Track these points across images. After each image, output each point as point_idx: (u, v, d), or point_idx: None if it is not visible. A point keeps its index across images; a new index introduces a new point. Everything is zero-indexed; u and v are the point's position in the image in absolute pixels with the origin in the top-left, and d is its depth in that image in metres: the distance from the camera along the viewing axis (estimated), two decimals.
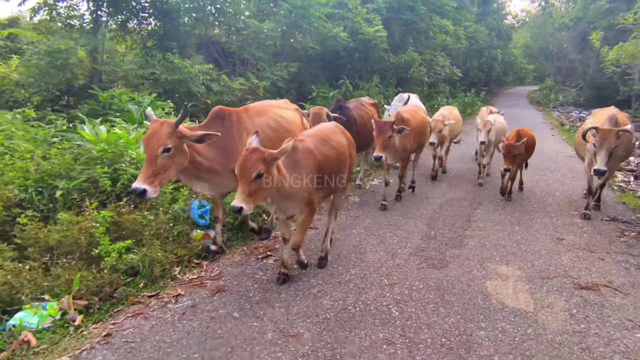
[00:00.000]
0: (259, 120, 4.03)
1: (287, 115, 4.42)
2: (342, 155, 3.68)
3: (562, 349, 2.66)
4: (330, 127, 3.91)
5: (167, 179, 3.26)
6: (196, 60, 7.58)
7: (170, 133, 3.14)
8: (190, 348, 2.54)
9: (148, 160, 3.11)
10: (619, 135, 4.79)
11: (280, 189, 2.93)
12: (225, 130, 3.66)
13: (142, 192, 3.02)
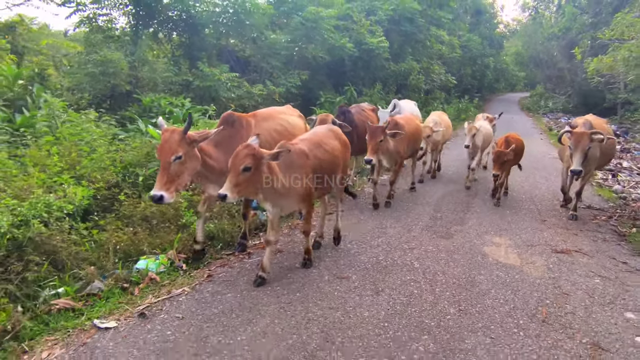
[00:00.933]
0: (265, 124, 4.30)
1: (292, 120, 4.74)
2: (336, 157, 4.01)
3: (540, 287, 3.71)
4: (324, 131, 4.21)
5: (182, 184, 3.46)
6: (223, 69, 8.60)
7: (180, 140, 3.33)
8: (272, 283, 3.54)
9: (162, 168, 3.31)
10: (592, 137, 5.24)
11: (272, 187, 3.25)
12: (235, 133, 3.91)
13: (160, 199, 3.23)
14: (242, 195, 3.22)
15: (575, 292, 3.65)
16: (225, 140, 3.79)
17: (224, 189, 2.97)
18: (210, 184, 3.84)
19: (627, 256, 4.54)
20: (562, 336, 2.98)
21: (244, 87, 8.98)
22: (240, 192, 3.10)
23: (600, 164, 6.21)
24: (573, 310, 3.35)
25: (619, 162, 10.55)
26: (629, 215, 6.06)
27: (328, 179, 3.90)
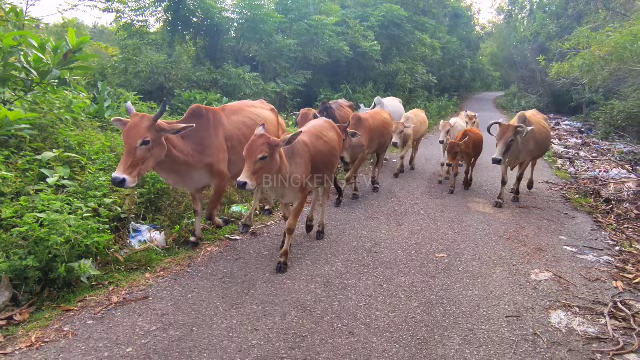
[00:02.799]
0: (235, 118, 4.41)
1: (263, 114, 4.84)
2: (334, 149, 4.32)
3: (506, 223, 5.61)
4: (322, 123, 4.50)
5: (145, 170, 3.50)
6: (245, 69, 10.28)
7: (149, 126, 3.38)
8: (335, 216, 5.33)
9: (127, 151, 3.35)
10: (517, 130, 5.77)
11: (281, 174, 3.50)
12: (203, 127, 3.99)
13: (122, 182, 3.25)
14: (259, 182, 3.38)
15: (530, 227, 5.58)
16: (192, 133, 3.84)
17: (243, 177, 3.19)
18: (173, 176, 3.95)
19: (568, 210, 6.53)
20: (519, 245, 4.89)
21: (261, 85, 10.68)
22: (257, 180, 3.29)
23: (536, 155, 6.77)
24: (527, 235, 5.26)
25: (577, 152, 12.81)
26: (576, 187, 8.12)
27: (326, 170, 4.22)
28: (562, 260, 4.51)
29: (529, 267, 4.28)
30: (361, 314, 3.25)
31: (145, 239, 4.19)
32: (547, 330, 3.18)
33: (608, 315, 3.42)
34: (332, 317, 3.18)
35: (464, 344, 2.96)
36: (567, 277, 4.10)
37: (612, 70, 11.92)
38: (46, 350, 2.69)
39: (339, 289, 3.63)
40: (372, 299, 3.49)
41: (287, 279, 3.77)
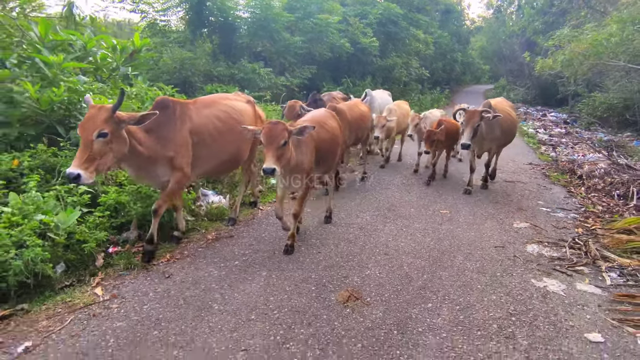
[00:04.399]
0: (206, 111, 4.33)
1: (237, 106, 4.73)
2: (336, 137, 4.55)
3: (495, 192, 7.00)
4: (324, 113, 4.74)
5: (104, 164, 3.37)
6: (259, 65, 11.53)
7: (107, 118, 3.29)
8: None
9: (83, 145, 3.24)
10: (482, 116, 5.97)
11: (289, 162, 3.67)
12: (167, 119, 3.90)
13: (76, 177, 3.13)
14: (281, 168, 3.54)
15: (514, 194, 6.98)
16: (157, 127, 3.79)
17: (270, 163, 3.36)
18: (138, 172, 3.88)
19: (547, 184, 7.95)
20: (504, 206, 6.26)
21: (272, 79, 11.93)
22: (281, 165, 3.47)
23: (502, 142, 7.01)
24: (511, 200, 6.65)
25: (560, 140, 14.35)
26: (555, 167, 9.57)
27: (329, 157, 4.47)
28: (538, 216, 5.91)
29: (512, 220, 5.67)
30: (391, 244, 4.60)
31: (214, 200, 5.47)
32: (523, 254, 4.56)
33: (567, 246, 4.81)
34: (370, 246, 4.52)
35: (465, 260, 4.32)
36: (541, 225, 5.49)
37: (590, 65, 13.45)
38: (177, 264, 3.97)
39: (371, 231, 4.97)
40: (397, 236, 4.84)
41: (332, 226, 5.10)
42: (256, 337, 2.92)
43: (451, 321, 3.20)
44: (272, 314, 3.20)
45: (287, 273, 3.87)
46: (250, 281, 3.68)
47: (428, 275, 3.94)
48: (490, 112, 6.06)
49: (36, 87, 4.62)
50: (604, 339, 3.09)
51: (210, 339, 2.88)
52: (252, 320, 3.11)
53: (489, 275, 3.99)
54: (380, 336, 2.97)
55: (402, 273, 3.95)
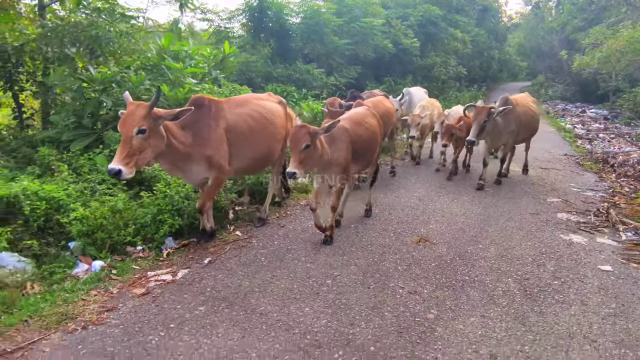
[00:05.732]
0: (239, 110, 4.51)
1: (269, 106, 4.92)
2: (374, 134, 4.76)
3: (532, 176, 8.12)
4: (364, 111, 4.97)
5: (143, 160, 3.58)
6: (313, 66, 12.98)
7: (145, 115, 3.48)
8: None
9: (123, 141, 3.44)
10: (490, 112, 6.14)
11: (322, 159, 3.89)
12: (203, 117, 4.11)
13: (117, 173, 3.36)
14: (306, 170, 3.79)
15: (548, 178, 8.07)
16: (193, 124, 4.00)
17: (291, 168, 3.58)
18: (175, 169, 4.14)
19: (580, 171, 8.97)
20: (540, 187, 7.39)
21: (323, 79, 13.34)
22: (305, 168, 3.70)
23: (521, 137, 7.28)
24: (545, 182, 7.75)
25: (597, 134, 15.12)
26: (589, 158, 10.53)
27: (367, 154, 4.71)
28: (569, 194, 7.02)
29: (545, 196, 6.82)
30: (446, 209, 5.89)
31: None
32: (554, 219, 5.74)
33: (592, 214, 5.96)
34: (429, 210, 5.83)
35: (506, 221, 5.55)
36: (571, 200, 6.63)
37: (628, 61, 14.20)
38: (285, 220, 5.40)
39: (427, 201, 6.27)
40: (450, 204, 6.13)
41: (397, 197, 6.42)
42: (360, 259, 4.29)
43: (497, 255, 4.48)
44: (367, 247, 4.57)
45: (370, 226, 5.23)
46: (342, 229, 5.05)
47: (477, 229, 5.21)
48: (496, 109, 6.24)
49: (166, 87, 6.16)
50: (612, 269, 4.29)
51: (329, 259, 4.27)
52: (353, 251, 4.49)
53: (525, 231, 5.22)
54: (447, 260, 4.29)
55: (457, 227, 5.24)
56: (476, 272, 4.09)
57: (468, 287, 3.79)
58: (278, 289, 3.66)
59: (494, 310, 3.44)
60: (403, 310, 3.39)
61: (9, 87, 7.19)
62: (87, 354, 2.80)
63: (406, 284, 3.81)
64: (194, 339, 2.96)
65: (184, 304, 3.40)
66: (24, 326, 3.07)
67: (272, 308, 3.37)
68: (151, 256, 4.26)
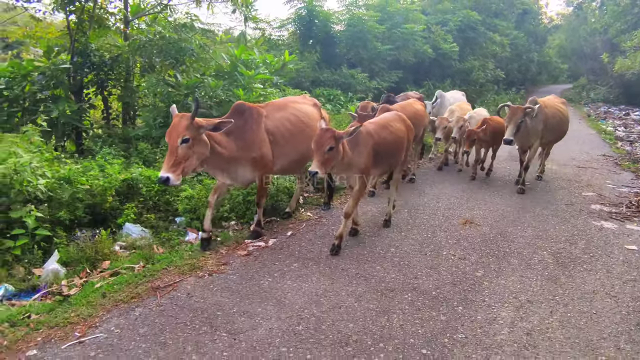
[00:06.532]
0: (278, 115, 4.83)
1: (306, 109, 5.22)
2: (400, 139, 4.89)
3: (568, 174, 8.74)
4: (391, 115, 5.12)
5: (189, 167, 3.91)
6: (357, 71, 13.93)
7: (188, 125, 3.77)
8: None
9: (170, 150, 3.76)
10: (525, 111, 6.33)
11: (344, 161, 4.12)
12: (245, 122, 4.41)
13: (165, 180, 3.68)
14: (327, 171, 4.04)
15: (585, 175, 8.64)
16: (236, 129, 4.24)
17: (313, 167, 3.84)
18: (220, 172, 4.41)
19: (617, 170, 9.47)
20: (576, 183, 8.00)
21: (366, 83, 14.26)
22: (326, 169, 3.94)
23: (548, 139, 7.35)
24: (582, 179, 8.34)
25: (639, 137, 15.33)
26: (628, 159, 10.96)
27: (391, 158, 4.86)
28: (604, 189, 7.63)
29: (580, 191, 7.47)
30: (487, 199, 6.68)
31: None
32: (588, 209, 6.42)
33: (624, 206, 6.60)
34: (472, 200, 6.63)
35: (542, 209, 6.28)
36: (605, 195, 7.26)
37: None
38: None
39: (470, 192, 7.06)
40: (491, 195, 6.90)
41: (440, 189, 7.25)
42: (415, 235, 5.18)
43: (533, 235, 5.27)
44: (420, 226, 5.45)
45: (420, 211, 6.10)
46: (397, 213, 5.94)
47: (516, 215, 5.99)
48: (532, 109, 6.42)
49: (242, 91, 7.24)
50: (638, 248, 4.99)
51: (390, 234, 5.18)
52: (409, 229, 5.38)
53: (560, 217, 5.96)
54: (490, 237, 5.12)
55: (498, 213, 6.03)
56: (515, 246, 4.90)
57: (508, 257, 4.61)
58: (352, 254, 4.60)
59: (530, 272, 4.26)
60: (455, 270, 4.26)
61: (100, 92, 8.48)
62: (218, 290, 3.82)
63: (456, 252, 4.68)
64: (295, 283, 3.94)
65: (279, 261, 4.38)
66: (165, 272, 4.12)
67: (350, 266, 4.31)
68: (243, 229, 5.29)
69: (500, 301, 3.71)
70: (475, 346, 3.08)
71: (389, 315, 3.44)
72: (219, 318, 3.38)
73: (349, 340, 3.11)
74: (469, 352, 3.02)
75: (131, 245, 4.77)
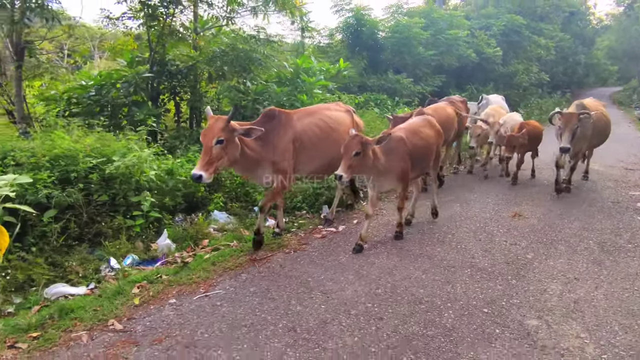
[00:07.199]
0: (307, 120, 5.08)
1: (336, 115, 5.46)
2: (430, 143, 5.22)
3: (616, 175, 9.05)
4: (420, 121, 5.42)
5: (221, 166, 4.20)
6: (403, 76, 14.58)
7: (223, 127, 4.02)
8: None
9: (204, 150, 4.01)
10: (579, 118, 6.27)
11: (376, 167, 4.44)
12: (274, 127, 4.66)
13: (199, 178, 3.96)
14: (354, 174, 4.42)
15: (633, 177, 8.92)
16: (265, 133, 4.42)
17: (340, 171, 4.13)
18: (248, 172, 4.81)
19: None
20: (623, 184, 8.34)
21: (411, 87, 14.87)
22: (352, 173, 4.26)
23: (594, 143, 7.42)
24: (629, 180, 8.64)
25: None
26: None
27: (422, 163, 5.16)
28: None
29: (627, 190, 7.81)
30: (534, 195, 7.19)
31: None
32: (634, 207, 6.78)
33: None
34: (520, 195, 7.17)
35: (588, 206, 6.72)
36: None
37: None
38: None
39: (517, 189, 7.58)
40: (538, 192, 7.40)
41: (487, 185, 7.81)
42: (469, 224, 5.81)
43: (580, 227, 5.78)
44: (472, 218, 6.08)
45: (471, 203, 6.73)
46: (448, 206, 6.57)
47: (562, 210, 6.50)
48: (589, 115, 6.42)
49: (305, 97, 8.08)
50: None
51: (445, 223, 5.83)
52: (462, 220, 6.01)
53: (605, 213, 6.42)
54: (538, 228, 5.69)
55: (545, 208, 6.57)
56: (562, 235, 5.45)
57: (556, 244, 5.18)
58: (413, 238, 5.31)
59: (577, 257, 4.82)
60: (507, 252, 4.89)
61: (172, 97, 9.55)
62: (304, 263, 4.62)
63: (507, 239, 5.29)
64: (369, 260, 4.68)
65: (351, 243, 5.12)
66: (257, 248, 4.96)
67: (413, 248, 5.01)
68: (314, 217, 6.09)
69: (550, 277, 4.31)
70: (529, 308, 3.72)
71: (453, 284, 4.13)
72: (311, 282, 4.17)
73: (422, 301, 3.82)
74: (523, 312, 3.66)
75: (221, 228, 5.67)
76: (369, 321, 3.52)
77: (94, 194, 4.98)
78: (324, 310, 3.67)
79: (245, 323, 3.49)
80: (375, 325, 3.45)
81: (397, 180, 4.83)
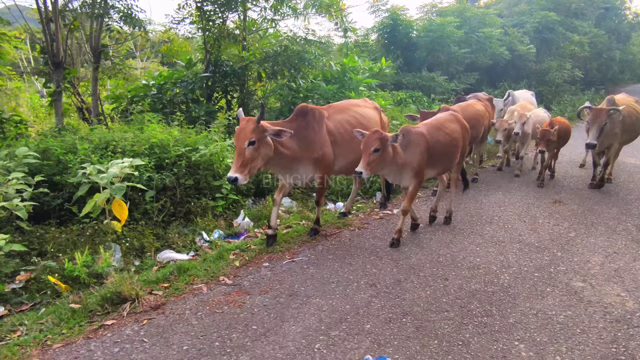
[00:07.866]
0: (338, 117, 5.10)
1: (365, 112, 5.49)
2: (455, 140, 5.13)
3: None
4: (446, 116, 5.36)
5: (256, 168, 4.24)
6: (437, 74, 15.14)
7: (254, 129, 4.08)
8: None
9: (237, 152, 4.07)
10: (609, 113, 6.16)
11: (395, 163, 4.49)
12: (307, 124, 4.71)
13: (234, 180, 4.03)
14: (373, 172, 4.38)
15: None
16: (299, 131, 4.49)
17: (359, 167, 4.17)
18: (283, 171, 4.74)
19: None
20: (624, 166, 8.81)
21: (445, 85, 15.41)
22: (372, 170, 4.30)
23: (624, 139, 7.18)
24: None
25: None
26: None
27: (446, 159, 5.10)
28: None
29: None
30: (572, 187, 7.72)
31: None
32: None
33: None
34: (558, 186, 7.70)
35: (626, 194, 7.22)
36: None
37: None
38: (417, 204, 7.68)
39: (556, 181, 8.11)
40: (575, 185, 7.92)
41: (523, 179, 8.36)
42: (513, 209, 6.42)
43: (618, 212, 6.32)
44: (515, 203, 6.69)
45: (513, 191, 7.32)
46: (493, 191, 7.17)
47: (601, 198, 7.03)
48: (618, 111, 6.30)
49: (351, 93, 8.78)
50: None
51: (491, 207, 6.45)
52: (506, 204, 6.62)
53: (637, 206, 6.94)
54: (578, 212, 6.27)
55: (584, 196, 7.11)
56: (602, 219, 6.02)
57: (596, 225, 5.76)
58: (463, 220, 5.97)
59: (616, 236, 5.40)
60: (551, 232, 5.50)
61: (224, 95, 10.39)
62: (369, 238, 5.35)
63: (550, 221, 5.90)
64: (427, 235, 5.39)
65: (406, 224, 5.80)
66: (325, 226, 5.70)
67: (464, 227, 5.69)
68: (369, 202, 6.80)
69: (591, 251, 4.92)
70: (574, 274, 4.36)
71: (505, 255, 4.79)
72: (379, 252, 4.89)
73: (479, 267, 4.50)
74: (570, 277, 4.30)
75: (287, 210, 6.44)
76: (437, 281, 4.22)
77: (181, 179, 5.82)
78: (396, 272, 4.38)
79: (332, 280, 4.23)
80: (442, 284, 4.15)
81: (412, 177, 4.75)
